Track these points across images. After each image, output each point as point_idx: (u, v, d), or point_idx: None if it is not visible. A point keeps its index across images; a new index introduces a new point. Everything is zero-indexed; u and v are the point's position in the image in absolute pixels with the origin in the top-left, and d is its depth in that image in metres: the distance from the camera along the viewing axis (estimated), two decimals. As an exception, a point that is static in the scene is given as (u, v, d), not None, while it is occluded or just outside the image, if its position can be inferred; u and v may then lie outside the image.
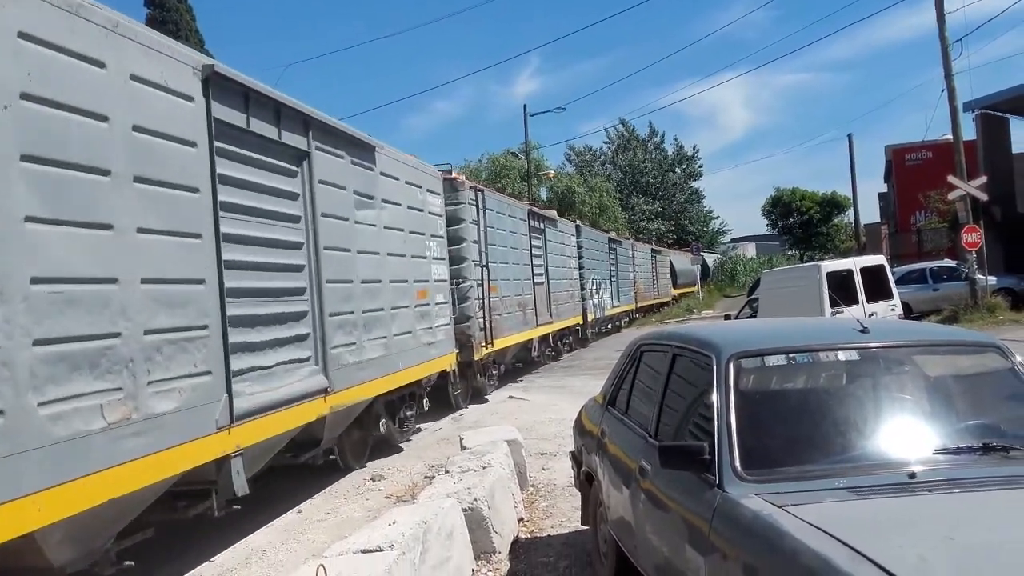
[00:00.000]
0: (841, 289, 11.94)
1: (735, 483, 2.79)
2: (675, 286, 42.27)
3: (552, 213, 19.63)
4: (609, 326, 25.82)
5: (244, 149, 5.70)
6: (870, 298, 12.29)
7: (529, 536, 5.62)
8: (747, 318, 14.67)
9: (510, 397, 12.89)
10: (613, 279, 25.95)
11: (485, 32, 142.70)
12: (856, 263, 12.92)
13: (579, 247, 21.40)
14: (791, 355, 3.32)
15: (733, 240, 73.64)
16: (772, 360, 3.32)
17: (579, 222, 23.21)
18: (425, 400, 9.77)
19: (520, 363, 16.54)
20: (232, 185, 5.48)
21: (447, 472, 5.75)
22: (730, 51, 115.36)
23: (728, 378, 3.15)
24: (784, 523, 2.43)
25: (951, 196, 20.20)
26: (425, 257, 9.66)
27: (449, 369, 10.56)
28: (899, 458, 2.88)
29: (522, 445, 6.98)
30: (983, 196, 19.50)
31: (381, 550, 3.71)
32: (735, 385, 3.14)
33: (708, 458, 2.91)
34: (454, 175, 12.10)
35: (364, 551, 3.73)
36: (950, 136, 20.86)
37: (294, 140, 6.43)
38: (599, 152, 59.09)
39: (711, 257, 59.68)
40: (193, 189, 4.93)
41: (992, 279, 19.76)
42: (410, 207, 9.24)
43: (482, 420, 10.33)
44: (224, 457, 5.01)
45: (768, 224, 62.36)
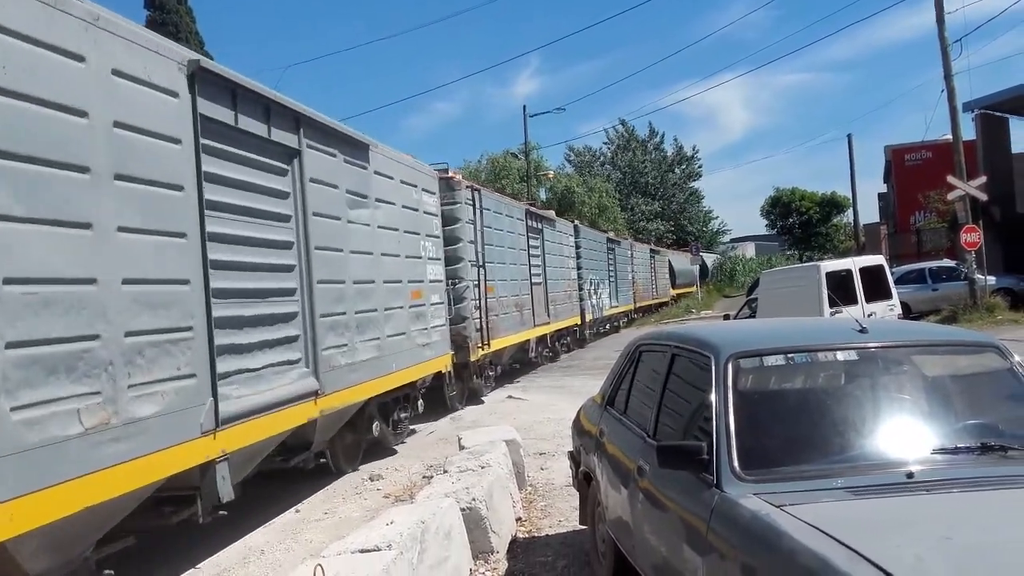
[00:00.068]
0: (840, 289, 11.89)
1: (733, 483, 2.79)
2: (674, 286, 42.20)
3: (550, 213, 19.52)
4: (607, 327, 25.72)
5: (232, 146, 5.58)
6: (869, 298, 12.29)
7: (527, 536, 5.62)
8: (746, 318, 14.63)
9: (509, 397, 12.89)
10: (611, 279, 25.86)
11: (484, 33, 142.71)
12: (855, 263, 12.91)
13: (577, 247, 21.29)
14: (790, 355, 3.32)
15: (732, 240, 73.62)
16: (771, 360, 3.32)
17: (578, 222, 23.09)
18: (420, 402, 9.66)
19: (517, 364, 16.44)
20: (219, 183, 5.36)
21: (445, 472, 5.75)
22: (730, 52, 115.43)
23: (727, 378, 3.15)
24: (782, 523, 2.43)
25: (950, 196, 20.18)
26: (420, 257, 9.54)
27: (444, 370, 10.45)
28: (897, 458, 2.87)
29: (520, 445, 6.99)
30: (982, 196, 19.47)
31: (379, 550, 3.71)
32: (734, 385, 3.14)
33: (706, 458, 2.91)
34: (450, 174, 11.98)
35: (362, 551, 3.72)
36: (950, 136, 20.82)
37: (284, 138, 6.30)
38: (598, 153, 59.14)
39: (710, 257, 59.68)
40: (178, 187, 4.80)
41: (991, 279, 19.76)
42: (405, 206, 9.12)
43: (481, 420, 10.34)
44: (209, 462, 4.88)
45: (767, 224, 62.23)
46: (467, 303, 11.80)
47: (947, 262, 22.60)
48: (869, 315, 11.34)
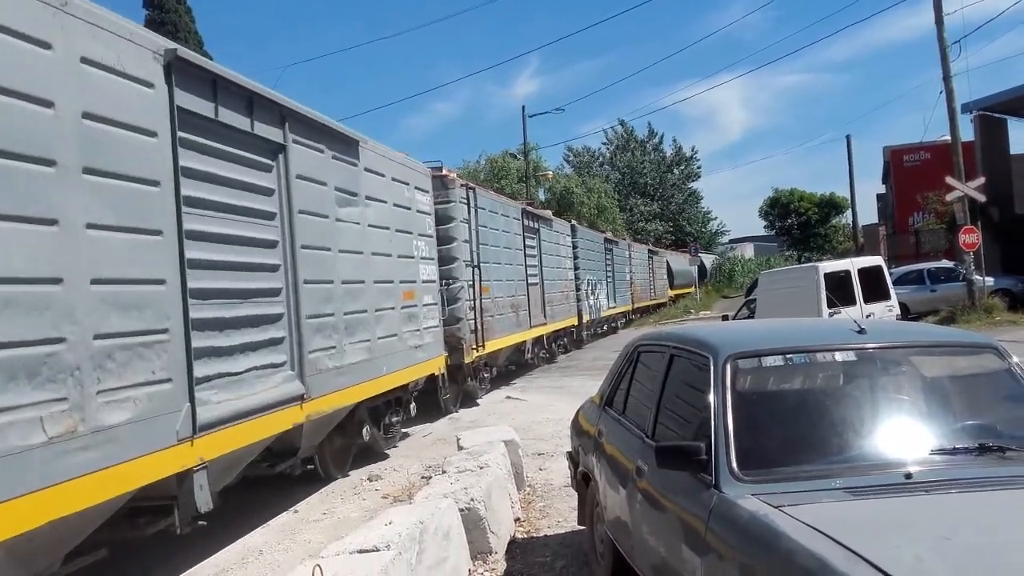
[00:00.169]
0: (839, 290, 11.83)
1: (732, 483, 2.79)
2: (672, 287, 42.07)
3: (547, 213, 19.34)
4: (605, 327, 25.53)
5: (212, 140, 5.36)
6: (868, 299, 12.27)
7: (526, 536, 5.61)
8: (745, 319, 14.50)
9: (507, 398, 12.83)
10: (609, 280, 25.70)
11: (484, 33, 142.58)
12: (854, 264, 12.91)
13: (574, 247, 21.10)
14: (788, 356, 3.34)
15: (731, 241, 73.56)
16: (769, 361, 3.34)
17: (575, 222, 22.90)
18: (412, 405, 9.44)
19: (513, 365, 16.25)
20: (198, 179, 5.14)
21: (444, 472, 5.72)
22: (729, 52, 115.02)
23: (725, 379, 3.15)
24: (780, 524, 2.43)
25: (949, 197, 20.11)
26: (412, 257, 9.33)
27: (438, 373, 10.23)
28: (896, 459, 2.87)
29: (519, 445, 6.98)
30: (981, 197, 19.38)
31: (377, 550, 3.71)
32: (732, 386, 3.14)
33: (705, 458, 2.91)
34: (444, 172, 11.76)
35: (360, 551, 3.72)
36: (948, 137, 20.71)
37: (269, 132, 6.09)
38: (597, 153, 58.96)
39: (709, 258, 59.56)
40: (153, 182, 4.59)
41: (990, 280, 19.75)
42: (397, 204, 8.90)
43: (479, 421, 10.28)
44: (186, 471, 4.66)
45: (766, 225, 62.11)
46: (461, 304, 11.59)
47: (945, 263, 22.51)
48: (867, 316, 11.20)
